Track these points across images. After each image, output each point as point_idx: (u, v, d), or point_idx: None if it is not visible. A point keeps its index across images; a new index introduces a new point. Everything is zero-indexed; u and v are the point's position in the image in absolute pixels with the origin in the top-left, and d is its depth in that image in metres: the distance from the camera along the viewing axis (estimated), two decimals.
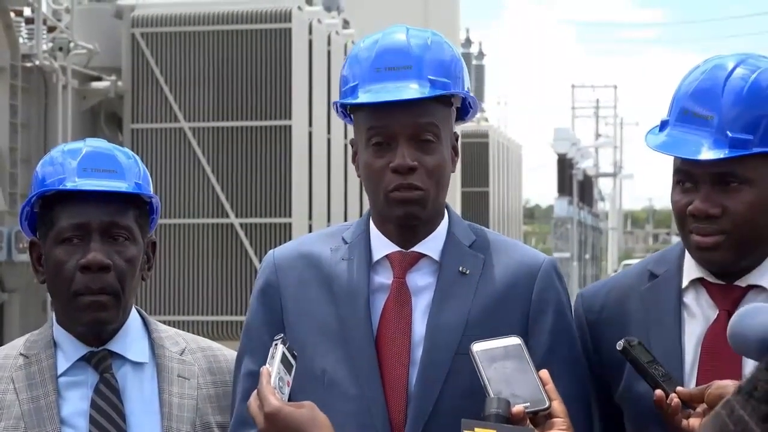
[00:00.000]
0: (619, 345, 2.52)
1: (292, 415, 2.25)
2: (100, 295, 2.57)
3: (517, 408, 2.26)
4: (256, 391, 2.29)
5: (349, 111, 2.66)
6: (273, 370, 2.31)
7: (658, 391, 2.46)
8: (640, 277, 2.71)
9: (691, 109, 2.56)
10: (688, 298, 2.64)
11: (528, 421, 2.28)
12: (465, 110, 2.70)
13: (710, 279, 2.61)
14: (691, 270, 2.64)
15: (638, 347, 2.52)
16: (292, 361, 2.37)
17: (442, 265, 2.61)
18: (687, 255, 2.64)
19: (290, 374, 2.36)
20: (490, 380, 2.31)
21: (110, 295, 2.58)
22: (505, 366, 2.34)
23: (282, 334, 2.39)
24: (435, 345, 2.54)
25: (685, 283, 2.64)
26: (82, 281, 2.57)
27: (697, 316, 2.62)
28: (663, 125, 2.62)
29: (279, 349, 2.34)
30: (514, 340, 2.38)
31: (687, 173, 2.56)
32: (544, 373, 2.36)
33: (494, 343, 2.37)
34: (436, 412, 2.51)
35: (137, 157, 2.71)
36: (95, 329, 2.61)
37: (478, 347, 2.36)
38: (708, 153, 2.50)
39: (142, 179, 2.66)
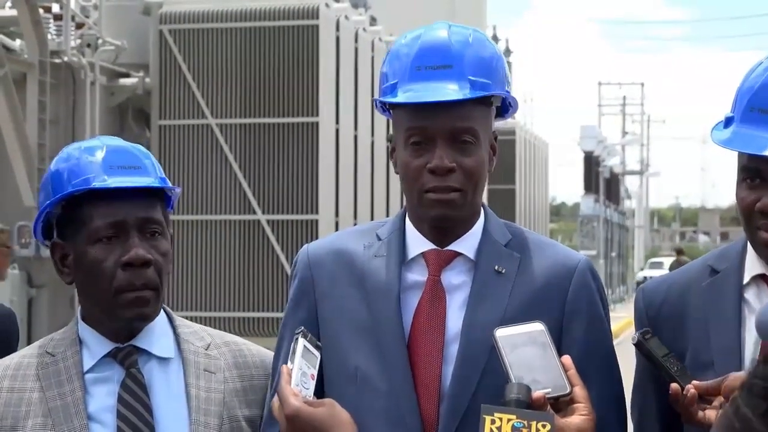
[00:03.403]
0: (634, 338, 2.53)
1: (312, 414, 2.26)
2: (143, 290, 2.58)
3: (538, 393, 2.26)
4: (276, 392, 2.30)
5: (388, 107, 2.66)
6: (294, 366, 2.31)
7: (674, 385, 2.46)
8: (701, 272, 2.70)
9: (757, 106, 2.54)
10: (749, 294, 2.63)
11: (549, 407, 2.28)
12: (505, 108, 2.69)
13: None
14: (752, 266, 2.63)
15: (653, 341, 2.52)
16: (316, 353, 2.37)
17: (477, 263, 2.61)
18: (749, 250, 2.64)
19: (314, 367, 2.35)
20: (511, 366, 2.31)
21: (152, 290, 2.59)
22: (527, 352, 2.33)
23: (302, 327, 2.39)
24: (471, 342, 2.54)
25: (746, 279, 2.63)
26: (125, 278, 2.57)
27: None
28: (728, 121, 2.60)
29: (300, 343, 2.34)
30: (537, 326, 2.38)
31: (755, 170, 2.55)
32: (567, 358, 2.37)
33: (517, 329, 2.37)
34: (471, 410, 2.50)
35: (150, 152, 2.74)
36: (136, 324, 2.62)
37: (501, 333, 2.36)
38: None
39: (161, 173, 2.68)
